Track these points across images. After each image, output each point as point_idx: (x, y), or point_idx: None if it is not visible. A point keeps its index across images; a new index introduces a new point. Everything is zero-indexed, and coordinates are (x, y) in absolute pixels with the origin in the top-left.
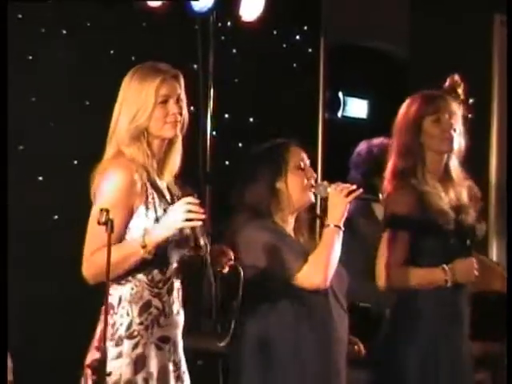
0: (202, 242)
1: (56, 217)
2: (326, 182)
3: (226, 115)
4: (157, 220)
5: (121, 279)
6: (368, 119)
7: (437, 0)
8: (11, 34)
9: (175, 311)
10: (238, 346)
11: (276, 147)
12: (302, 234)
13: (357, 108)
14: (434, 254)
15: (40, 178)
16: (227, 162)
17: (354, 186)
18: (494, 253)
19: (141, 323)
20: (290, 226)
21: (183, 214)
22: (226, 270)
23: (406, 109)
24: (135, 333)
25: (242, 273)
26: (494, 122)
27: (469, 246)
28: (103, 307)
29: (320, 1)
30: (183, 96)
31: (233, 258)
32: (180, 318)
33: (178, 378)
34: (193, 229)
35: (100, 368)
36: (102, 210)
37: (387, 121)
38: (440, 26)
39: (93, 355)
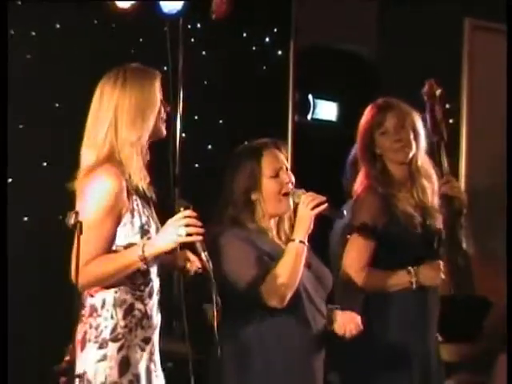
0: (203, 257)
1: (26, 218)
2: (301, 190)
3: (196, 117)
4: (141, 227)
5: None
6: (338, 122)
7: (406, 2)
8: None
9: (155, 313)
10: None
11: (250, 155)
12: (284, 235)
13: (327, 111)
14: (401, 257)
15: (9, 180)
16: (197, 165)
17: (324, 198)
18: None
19: (125, 326)
20: (271, 229)
21: (183, 229)
22: (192, 272)
23: (362, 119)
24: (119, 336)
25: (213, 279)
26: (463, 122)
27: (436, 249)
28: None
29: (290, 3)
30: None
31: (200, 264)
32: (158, 319)
33: (157, 376)
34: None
35: (69, 370)
36: (71, 212)
37: (357, 124)
38: (410, 28)
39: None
